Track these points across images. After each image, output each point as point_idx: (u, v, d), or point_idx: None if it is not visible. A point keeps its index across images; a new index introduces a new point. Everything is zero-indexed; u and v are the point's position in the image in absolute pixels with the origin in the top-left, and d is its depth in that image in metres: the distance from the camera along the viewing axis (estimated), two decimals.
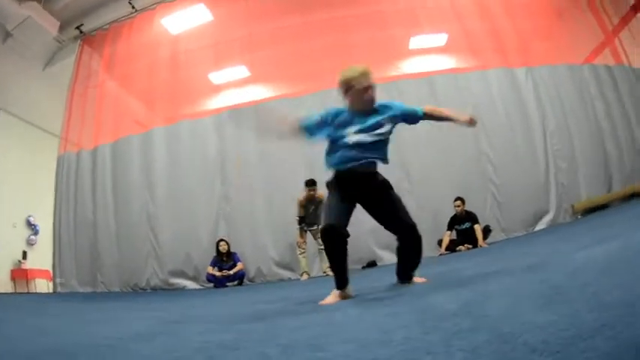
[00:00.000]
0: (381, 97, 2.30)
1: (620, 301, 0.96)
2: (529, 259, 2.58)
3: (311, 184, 6.12)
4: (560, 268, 1.80)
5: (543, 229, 6.45)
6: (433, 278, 2.60)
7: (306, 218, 6.23)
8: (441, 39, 7.37)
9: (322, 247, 6.30)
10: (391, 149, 6.42)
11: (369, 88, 2.27)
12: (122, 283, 7.45)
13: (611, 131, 7.24)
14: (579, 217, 6.79)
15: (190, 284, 7.13)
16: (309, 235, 6.35)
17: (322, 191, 6.22)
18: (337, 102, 2.36)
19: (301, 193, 6.18)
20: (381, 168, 2.41)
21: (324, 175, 6.02)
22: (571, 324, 0.85)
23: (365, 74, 2.26)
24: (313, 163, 6.66)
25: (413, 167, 6.56)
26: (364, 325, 1.36)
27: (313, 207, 6.22)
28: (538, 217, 6.56)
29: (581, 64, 7.41)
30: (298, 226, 6.24)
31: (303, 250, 6.30)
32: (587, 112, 7.15)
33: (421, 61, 7.09)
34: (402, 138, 6.59)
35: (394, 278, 2.65)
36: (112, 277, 7.49)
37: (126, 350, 1.33)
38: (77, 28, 8.80)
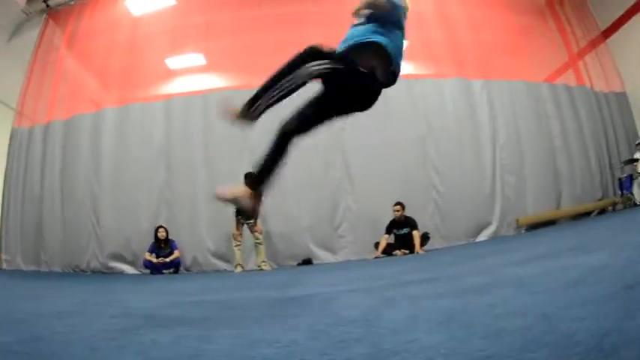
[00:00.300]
0: None
1: (518, 327, 0.94)
2: (453, 270, 2.67)
3: (248, 177, 6.00)
4: (477, 284, 1.78)
5: (484, 241, 6.40)
6: (356, 281, 2.70)
7: (244, 211, 6.10)
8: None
9: (259, 241, 6.21)
10: (333, 148, 6.36)
11: None
12: (64, 263, 7.27)
13: (565, 150, 7.25)
14: (523, 231, 6.75)
15: (128, 269, 6.97)
16: (245, 229, 6.24)
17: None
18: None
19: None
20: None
21: None
22: (457, 350, 0.83)
23: None
24: (256, 150, 6.58)
25: (355, 168, 6.48)
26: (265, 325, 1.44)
27: None
28: (480, 229, 6.51)
29: (540, 82, 7.40)
30: (235, 218, 6.14)
31: (238, 243, 6.18)
32: (541, 130, 7.14)
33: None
34: (346, 138, 6.54)
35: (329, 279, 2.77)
36: (55, 256, 7.30)
37: (40, 325, 1.45)
38: (44, 1, 8.66)
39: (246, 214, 6.11)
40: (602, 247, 2.29)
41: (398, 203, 6.10)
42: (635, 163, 8.30)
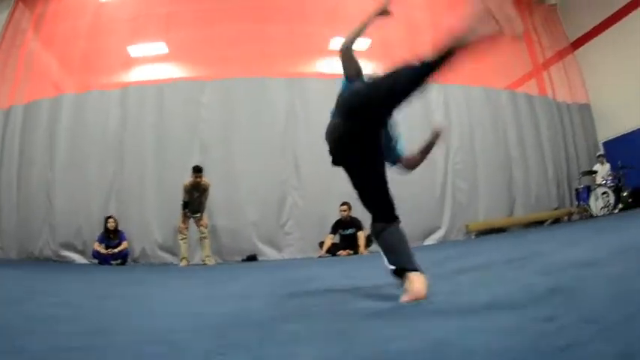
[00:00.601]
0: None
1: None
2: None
3: (197, 170, 6.00)
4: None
5: (433, 245, 6.41)
6: (272, 281, 2.85)
7: (190, 204, 6.10)
8: (363, 43, 7.32)
9: (204, 235, 6.19)
10: (284, 145, 6.37)
11: None
12: (19, 250, 7.21)
13: (521, 158, 7.27)
14: (473, 237, 6.77)
15: (79, 258, 6.93)
16: (192, 222, 6.21)
17: (208, 178, 6.12)
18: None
19: (188, 178, 6.06)
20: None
21: (217, 161, 5.84)
22: None
23: None
24: (207, 148, 6.57)
25: (304, 166, 6.46)
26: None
27: (198, 194, 6.10)
28: (428, 233, 6.51)
29: (501, 89, 7.41)
30: (182, 211, 6.11)
31: (184, 236, 6.15)
32: (497, 137, 7.15)
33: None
34: (296, 135, 6.53)
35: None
36: (10, 243, 7.23)
37: None
38: None
39: (192, 207, 6.10)
40: (535, 261, 2.29)
41: (344, 203, 6.08)
42: (594, 175, 8.38)
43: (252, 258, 6.25)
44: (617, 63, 8.83)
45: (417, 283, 1.52)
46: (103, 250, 6.47)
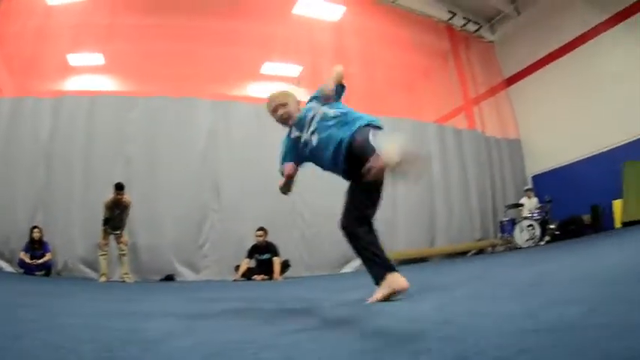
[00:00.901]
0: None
1: None
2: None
3: (119, 187, 6.10)
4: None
5: (350, 272, 6.64)
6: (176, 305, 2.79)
7: (111, 221, 6.20)
8: (294, 69, 7.55)
9: (123, 252, 6.30)
10: (205, 166, 6.48)
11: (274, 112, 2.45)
12: None
13: (445, 190, 7.55)
14: None
15: (7, 266, 6.95)
16: (112, 239, 6.31)
17: (129, 196, 6.23)
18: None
19: (110, 195, 6.16)
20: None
21: (140, 179, 5.84)
22: None
23: (270, 101, 2.46)
24: (132, 164, 6.66)
25: (224, 188, 6.63)
26: None
27: (119, 211, 6.21)
28: (346, 260, 6.73)
29: (428, 122, 7.70)
30: (102, 227, 6.21)
31: (104, 252, 6.24)
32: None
33: (270, 86, 7.27)
34: (218, 157, 6.70)
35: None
36: None
37: None
38: None
39: (112, 224, 6.21)
40: (436, 293, 2.30)
41: (261, 228, 6.28)
42: (520, 208, 8.77)
43: (169, 278, 6.38)
44: (549, 101, 9.29)
45: None
46: (28, 260, 6.52)
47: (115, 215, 6.19)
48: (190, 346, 1.24)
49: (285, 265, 6.31)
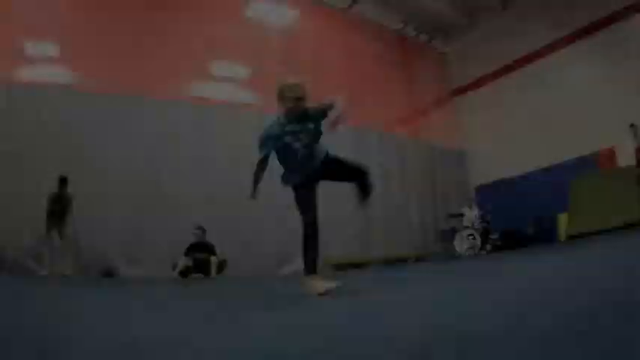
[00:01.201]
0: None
1: None
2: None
3: (62, 181, 6.32)
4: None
5: (288, 276, 6.90)
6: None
7: (54, 215, 6.39)
8: (244, 73, 7.78)
9: (65, 246, 6.50)
10: (148, 163, 6.69)
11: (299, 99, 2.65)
12: None
13: (385, 198, 7.85)
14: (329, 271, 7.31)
15: None
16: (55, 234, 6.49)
17: (72, 190, 6.41)
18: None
19: (54, 189, 6.36)
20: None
21: (84, 175, 5.88)
22: None
23: (300, 87, 2.67)
24: (76, 160, 6.81)
25: (165, 186, 6.88)
26: None
27: (61, 206, 6.40)
28: (281, 263, 7.00)
29: (370, 130, 7.98)
30: (46, 221, 6.39)
31: (47, 246, 6.43)
32: None
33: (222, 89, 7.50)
34: (162, 154, 6.94)
35: None
36: None
37: None
38: None
39: (55, 219, 6.38)
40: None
41: (199, 227, 6.53)
42: (461, 217, 9.15)
43: (109, 273, 6.59)
44: (496, 115, 9.69)
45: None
46: None
47: (58, 210, 6.38)
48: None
49: (222, 265, 6.55)
